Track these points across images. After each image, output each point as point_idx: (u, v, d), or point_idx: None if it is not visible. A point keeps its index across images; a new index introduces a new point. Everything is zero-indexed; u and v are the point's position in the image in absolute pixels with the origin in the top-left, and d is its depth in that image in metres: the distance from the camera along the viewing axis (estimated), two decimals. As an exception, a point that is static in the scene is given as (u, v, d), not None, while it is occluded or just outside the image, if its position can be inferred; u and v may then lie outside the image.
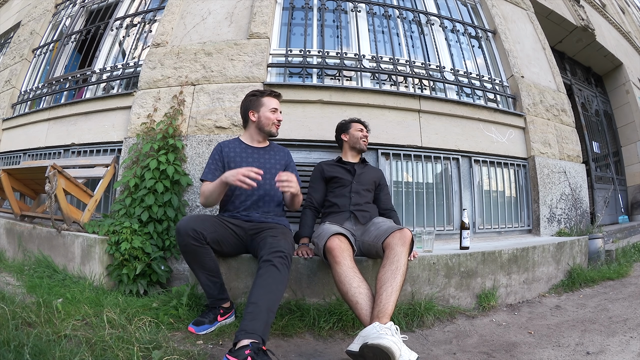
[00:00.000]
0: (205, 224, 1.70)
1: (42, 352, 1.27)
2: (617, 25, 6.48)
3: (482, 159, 3.21)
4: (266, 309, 1.34)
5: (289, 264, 1.53)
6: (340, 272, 1.56)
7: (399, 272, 1.51)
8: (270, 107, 2.00)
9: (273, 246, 1.54)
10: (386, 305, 1.39)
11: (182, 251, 1.69)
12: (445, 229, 2.96)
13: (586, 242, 2.91)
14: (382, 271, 1.54)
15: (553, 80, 3.97)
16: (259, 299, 1.36)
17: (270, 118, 1.99)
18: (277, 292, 1.41)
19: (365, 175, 2.26)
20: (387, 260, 1.58)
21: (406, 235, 1.66)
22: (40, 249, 2.56)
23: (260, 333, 1.26)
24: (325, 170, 2.27)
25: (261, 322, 1.29)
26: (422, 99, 3.03)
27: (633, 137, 5.86)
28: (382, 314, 1.36)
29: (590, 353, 1.54)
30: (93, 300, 1.92)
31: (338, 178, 2.23)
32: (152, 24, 3.45)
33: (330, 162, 2.34)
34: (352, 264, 1.61)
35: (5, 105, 4.11)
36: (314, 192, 2.25)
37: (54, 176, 2.28)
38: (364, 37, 3.26)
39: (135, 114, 2.85)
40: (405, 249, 1.61)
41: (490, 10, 3.84)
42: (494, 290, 2.17)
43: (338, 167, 2.29)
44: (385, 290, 1.44)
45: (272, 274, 1.44)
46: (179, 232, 1.64)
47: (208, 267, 1.72)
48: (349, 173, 2.25)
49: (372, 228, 1.94)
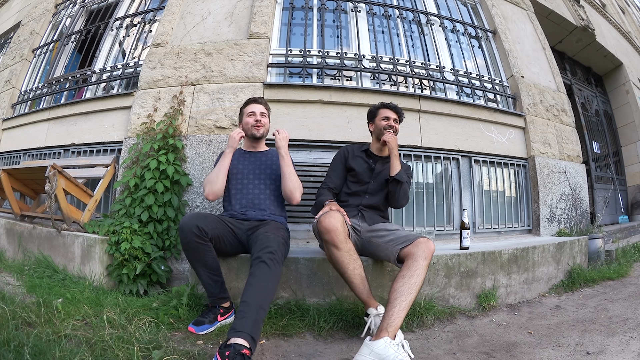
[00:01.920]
0: (207, 221, 1.73)
1: (42, 352, 1.27)
2: (617, 25, 6.48)
3: (482, 159, 3.21)
4: (256, 307, 1.36)
5: (279, 258, 1.54)
6: (338, 255, 1.65)
7: (415, 288, 1.50)
8: (247, 112, 2.12)
9: (263, 243, 1.57)
10: (397, 319, 1.42)
11: (185, 248, 1.70)
12: (445, 229, 2.96)
13: (586, 242, 2.91)
14: (401, 282, 1.51)
15: (553, 80, 3.97)
16: (249, 297, 1.38)
17: (249, 122, 2.10)
18: (267, 288, 1.43)
19: (385, 174, 2.07)
20: (407, 270, 1.54)
21: (430, 248, 1.60)
22: (40, 249, 2.56)
23: (248, 330, 1.29)
24: (348, 158, 2.13)
25: (250, 320, 1.32)
26: (422, 99, 3.03)
27: (633, 137, 5.86)
28: (392, 328, 1.39)
29: (590, 353, 1.54)
30: (93, 300, 1.92)
31: (356, 172, 2.10)
32: (152, 24, 3.45)
33: (357, 150, 2.18)
34: (348, 246, 1.66)
35: (5, 105, 4.11)
36: (333, 175, 2.12)
37: (54, 176, 2.28)
38: (364, 37, 3.26)
39: (135, 114, 2.85)
40: (427, 263, 1.57)
41: (490, 10, 3.84)
42: (494, 290, 2.17)
43: (361, 159, 2.13)
44: (399, 304, 1.45)
45: (262, 271, 1.46)
46: (182, 229, 1.66)
47: (210, 265, 1.73)
48: (369, 171, 2.10)
49: (384, 231, 1.86)
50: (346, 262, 1.65)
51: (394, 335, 1.38)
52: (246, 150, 2.16)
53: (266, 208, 1.99)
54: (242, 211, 1.96)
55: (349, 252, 1.66)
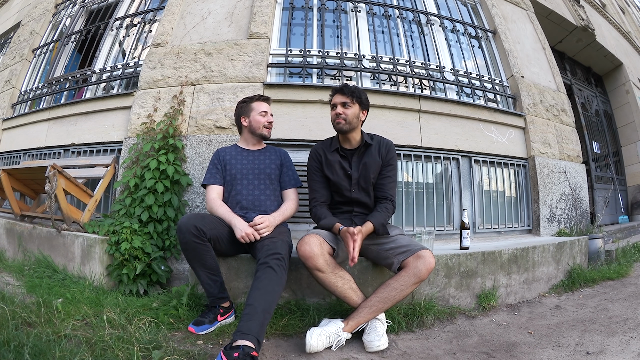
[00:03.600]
0: (206, 222, 1.73)
1: (42, 352, 1.27)
2: (617, 25, 6.48)
3: (482, 159, 3.20)
4: (262, 310, 1.38)
5: (285, 265, 1.56)
6: (324, 278, 1.64)
7: (394, 301, 1.62)
8: (260, 111, 2.08)
9: (270, 249, 1.58)
10: (362, 319, 1.61)
11: (183, 249, 1.70)
12: (445, 229, 2.96)
13: (586, 242, 2.91)
14: (386, 290, 1.62)
15: (553, 80, 3.97)
16: (255, 300, 1.40)
17: (260, 121, 2.07)
18: (273, 292, 1.45)
19: (364, 169, 1.87)
20: (396, 282, 1.62)
21: (430, 267, 1.60)
22: (40, 249, 2.56)
23: (255, 333, 1.31)
24: (323, 166, 1.92)
25: (256, 323, 1.34)
26: (422, 99, 3.03)
27: (633, 137, 5.86)
28: (353, 322, 1.61)
29: (590, 353, 1.54)
30: (93, 300, 1.92)
31: (334, 183, 1.89)
32: (152, 24, 3.45)
33: (328, 151, 1.92)
34: (331, 267, 1.65)
35: (5, 105, 4.11)
36: (317, 187, 1.91)
37: (54, 176, 2.28)
38: (364, 37, 3.26)
39: (135, 114, 2.85)
40: (420, 282, 1.62)
41: (490, 10, 3.84)
42: (494, 290, 2.17)
43: (335, 165, 1.89)
44: (370, 308, 1.61)
45: (269, 276, 1.47)
46: (180, 229, 1.66)
47: (209, 265, 1.73)
48: (347, 179, 1.88)
49: (382, 238, 1.79)
50: (333, 281, 1.65)
51: (352, 329, 1.59)
52: (244, 148, 2.13)
53: (267, 209, 1.97)
54: (243, 213, 1.93)
55: (334, 271, 1.66)
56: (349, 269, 1.77)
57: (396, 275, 1.65)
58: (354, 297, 1.66)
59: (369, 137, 1.93)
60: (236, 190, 2.00)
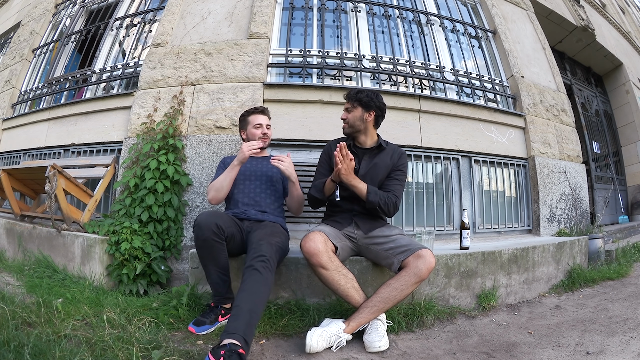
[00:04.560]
0: (224, 219, 1.73)
1: (42, 352, 1.27)
2: (617, 25, 6.48)
3: (482, 159, 3.20)
4: (248, 310, 1.38)
5: (271, 266, 1.54)
6: (327, 275, 1.64)
7: (395, 301, 1.62)
8: (254, 124, 2.15)
9: (255, 251, 1.58)
10: (363, 319, 1.61)
11: (199, 246, 1.68)
12: (445, 229, 2.96)
13: (586, 242, 2.91)
14: (387, 290, 1.61)
15: (553, 80, 3.97)
16: (241, 301, 1.41)
17: (255, 134, 2.14)
18: (259, 293, 1.45)
19: (373, 171, 1.89)
20: (397, 282, 1.61)
21: (430, 266, 1.60)
22: (40, 249, 2.56)
23: (241, 332, 1.31)
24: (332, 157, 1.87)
25: (242, 322, 1.34)
26: (422, 99, 3.03)
27: (633, 137, 5.86)
28: (355, 324, 1.60)
29: (590, 353, 1.54)
30: (93, 300, 1.92)
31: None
32: (152, 24, 3.45)
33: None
34: (335, 264, 1.65)
35: (5, 105, 4.11)
36: (318, 178, 1.95)
37: (54, 176, 2.28)
38: (364, 37, 3.26)
39: (135, 114, 2.85)
40: (420, 281, 1.62)
41: (490, 10, 3.84)
42: (494, 290, 2.17)
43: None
44: (371, 309, 1.61)
45: (254, 277, 1.48)
46: (200, 226, 1.64)
47: (221, 264, 1.73)
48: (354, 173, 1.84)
49: (382, 238, 1.81)
50: (337, 279, 1.65)
51: (353, 330, 1.59)
52: None
53: (266, 208, 2.01)
54: (243, 209, 1.98)
55: (337, 269, 1.66)
56: (351, 268, 1.76)
57: (397, 275, 1.65)
58: (356, 297, 1.66)
59: (385, 142, 2.00)
60: (238, 189, 2.05)
